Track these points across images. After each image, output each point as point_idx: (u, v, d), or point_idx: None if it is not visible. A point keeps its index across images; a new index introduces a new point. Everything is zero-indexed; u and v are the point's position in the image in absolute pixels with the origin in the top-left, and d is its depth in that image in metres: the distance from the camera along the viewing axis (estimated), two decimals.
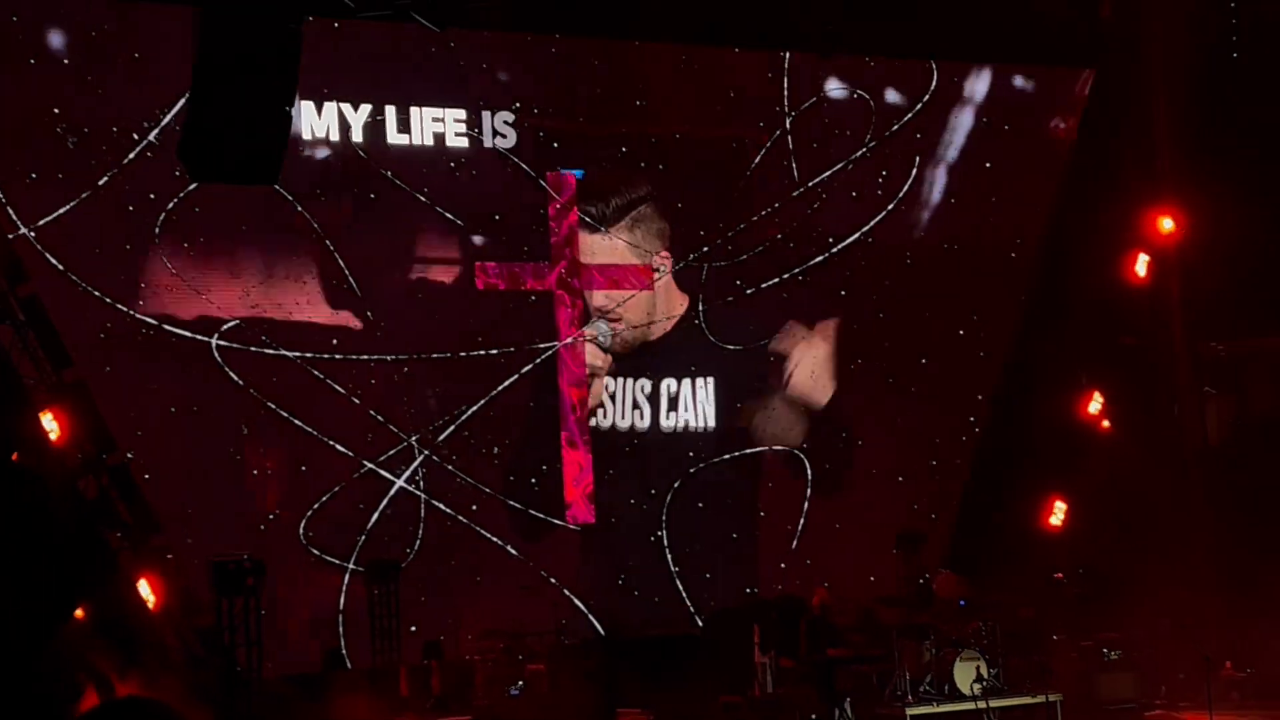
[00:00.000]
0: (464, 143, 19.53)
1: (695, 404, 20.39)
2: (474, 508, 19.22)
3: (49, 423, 15.74)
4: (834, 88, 21.12)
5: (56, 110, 17.58)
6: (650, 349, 20.25)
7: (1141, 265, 21.07)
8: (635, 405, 20.07)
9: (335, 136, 18.84)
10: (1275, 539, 19.87)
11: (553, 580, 19.42)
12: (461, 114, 19.54)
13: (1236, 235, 19.97)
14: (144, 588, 16.18)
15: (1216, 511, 20.77)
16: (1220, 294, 20.72)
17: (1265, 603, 19.44)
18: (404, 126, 19.20)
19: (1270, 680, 19.74)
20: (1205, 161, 20.49)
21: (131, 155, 17.74)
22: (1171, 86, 20.70)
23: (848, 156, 21.10)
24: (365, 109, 18.99)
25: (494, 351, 19.44)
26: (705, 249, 20.44)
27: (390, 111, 19.14)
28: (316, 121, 18.72)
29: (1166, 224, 20.79)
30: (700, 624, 19.87)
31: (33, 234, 17.27)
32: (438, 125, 19.42)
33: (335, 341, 18.79)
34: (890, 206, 21.29)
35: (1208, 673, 16.47)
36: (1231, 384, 21.92)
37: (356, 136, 18.93)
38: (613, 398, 19.98)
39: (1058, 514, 21.09)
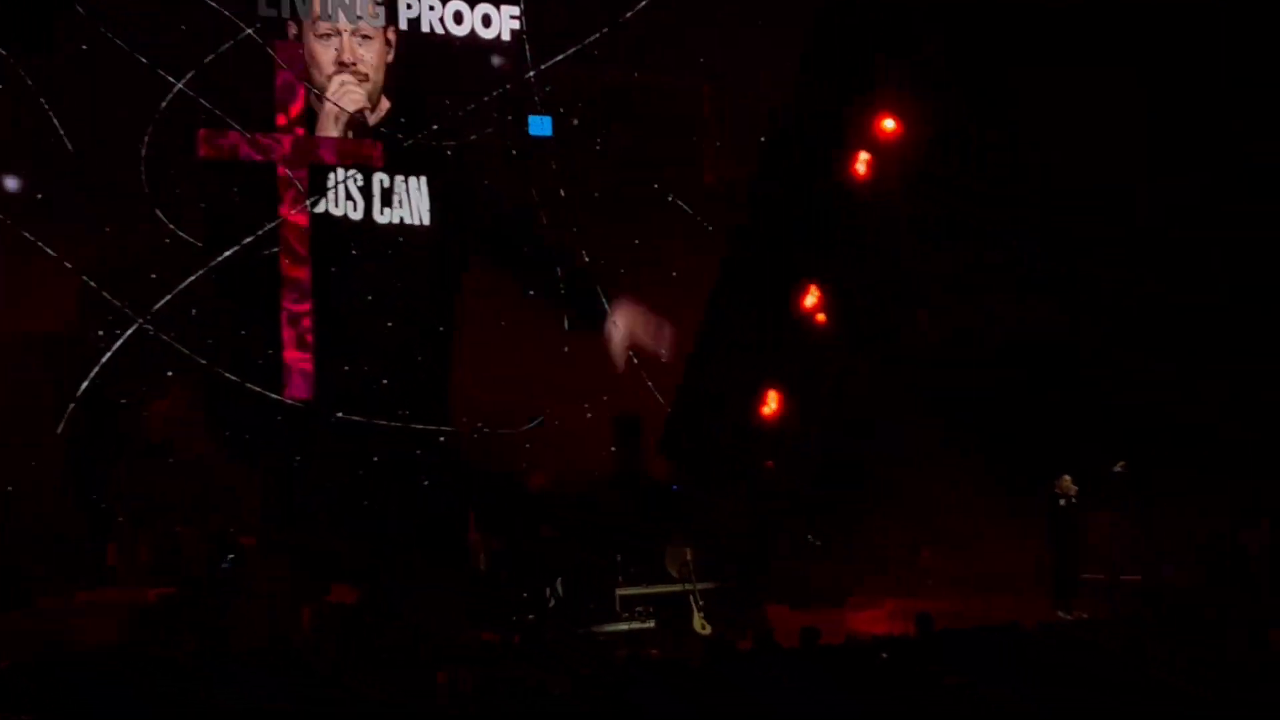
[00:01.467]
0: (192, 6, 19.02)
1: (410, 200, 20.20)
2: (168, 373, 18.89)
3: None
4: None
5: None
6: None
7: (862, 164, 21.44)
8: (349, 196, 19.81)
9: None
10: (980, 432, 20.56)
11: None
12: None
13: (954, 138, 20.47)
14: None
15: (928, 404, 21.38)
16: (937, 194, 21.22)
17: (967, 493, 20.16)
18: None
19: (967, 567, 20.52)
20: (929, 64, 20.90)
21: None
22: None
23: (583, 39, 21.04)
24: None
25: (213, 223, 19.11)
26: (434, 127, 20.25)
27: None
28: None
29: (888, 124, 21.18)
30: (418, 501, 19.81)
31: None
32: None
33: (41, 198, 18.22)
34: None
35: (910, 559, 17.06)
36: (946, 284, 22.51)
37: None
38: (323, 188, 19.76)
39: (771, 404, 21.47)
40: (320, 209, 19.66)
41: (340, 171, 19.72)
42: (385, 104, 20.18)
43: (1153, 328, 19.93)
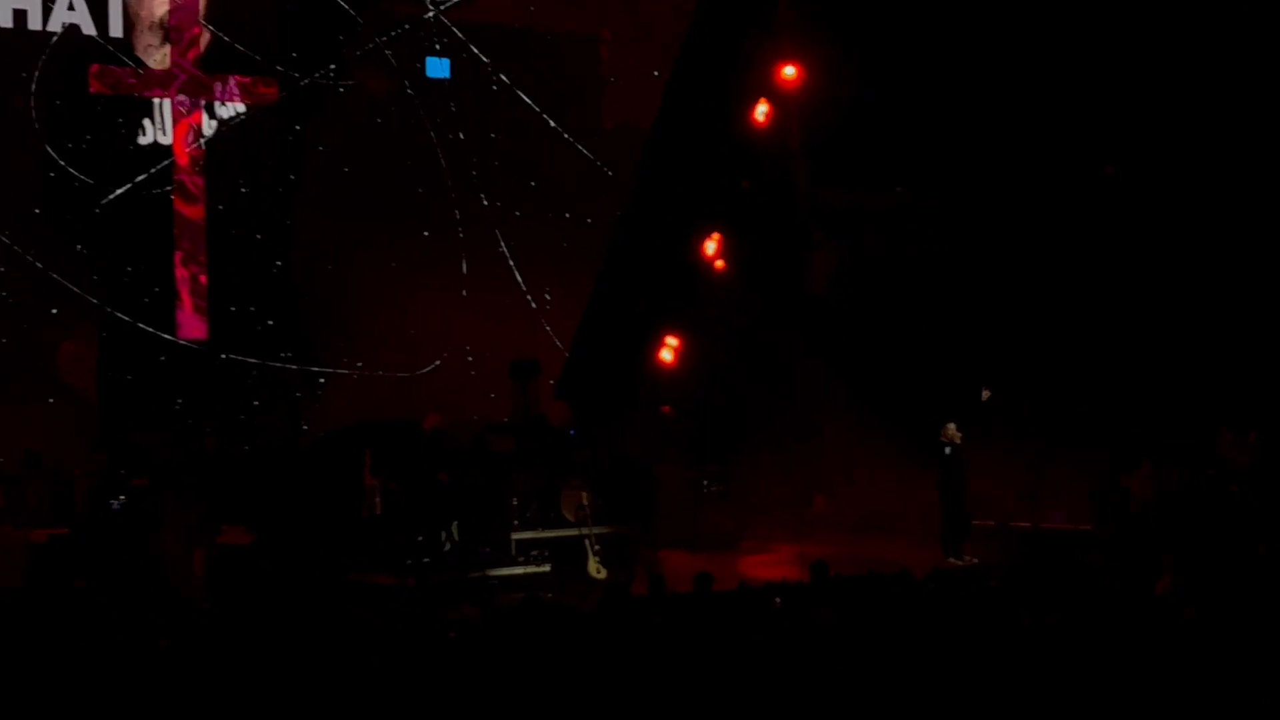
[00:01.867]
0: None
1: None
2: (53, 311, 18.67)
3: None
4: None
5: None
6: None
7: (762, 112, 21.43)
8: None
9: None
10: (873, 381, 20.74)
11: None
12: None
13: (855, 88, 20.50)
14: None
15: (822, 355, 21.51)
16: (836, 144, 21.29)
17: (860, 441, 20.33)
18: None
19: (856, 515, 20.74)
20: (828, 13, 20.91)
21: None
22: None
23: None
24: None
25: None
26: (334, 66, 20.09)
27: None
28: None
29: (789, 72, 21.16)
30: (313, 445, 19.72)
31: None
32: None
33: None
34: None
35: (803, 506, 17.18)
36: (842, 233, 22.65)
37: None
38: (150, 118, 19.44)
39: (670, 350, 21.52)
40: (146, 140, 19.40)
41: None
42: (205, 36, 19.86)
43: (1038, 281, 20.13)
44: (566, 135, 21.18)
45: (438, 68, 20.86)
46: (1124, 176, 19.68)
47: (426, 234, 20.66)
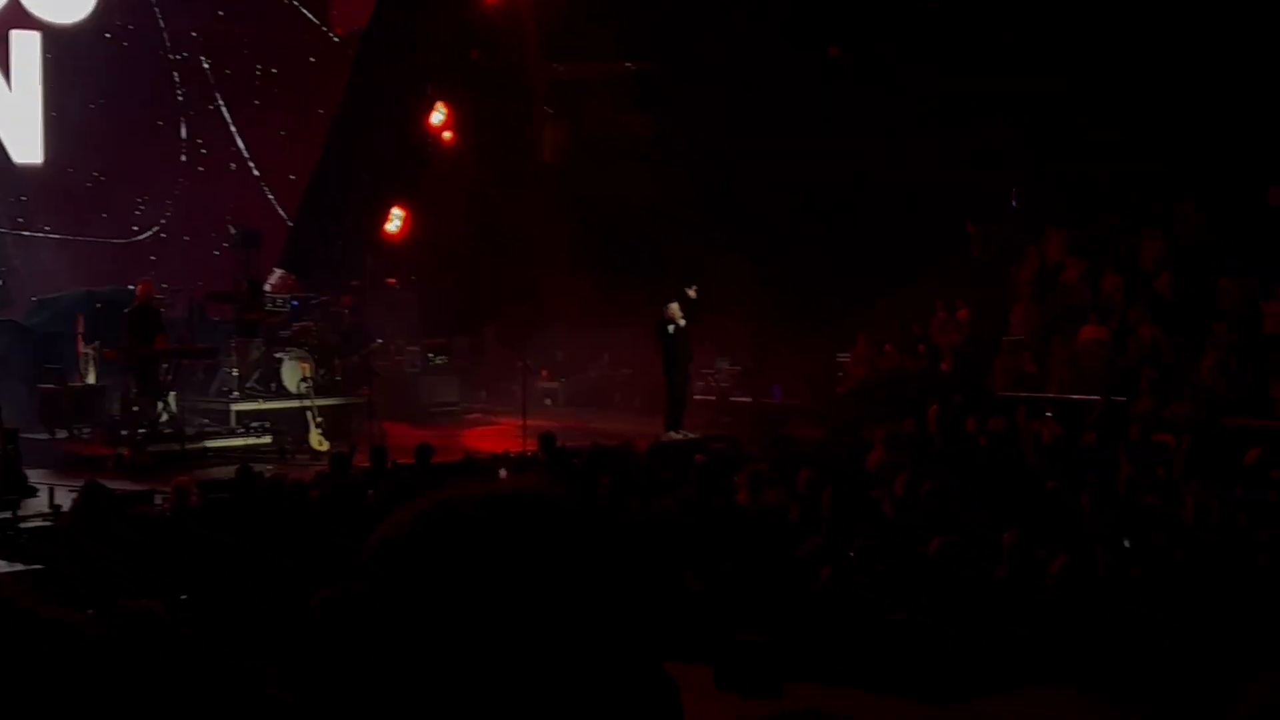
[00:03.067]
0: None
1: None
2: None
3: None
4: None
5: None
6: None
7: None
8: None
9: None
10: (603, 256, 20.83)
11: None
12: None
13: None
14: None
15: (551, 229, 21.52)
16: (566, 15, 21.19)
17: (589, 315, 20.44)
18: None
19: (580, 389, 20.94)
20: None
21: None
22: None
23: None
24: None
25: None
26: None
27: None
28: None
29: None
30: (26, 314, 19.03)
31: None
32: None
33: None
34: None
35: (525, 379, 17.16)
36: (569, 105, 22.63)
37: None
38: None
39: (396, 221, 21.32)
40: None
41: None
42: None
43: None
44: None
45: None
46: (846, 58, 19.96)
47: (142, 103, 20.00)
